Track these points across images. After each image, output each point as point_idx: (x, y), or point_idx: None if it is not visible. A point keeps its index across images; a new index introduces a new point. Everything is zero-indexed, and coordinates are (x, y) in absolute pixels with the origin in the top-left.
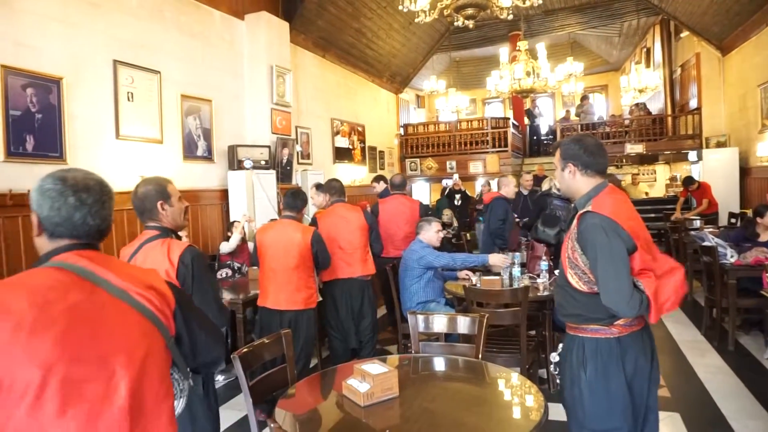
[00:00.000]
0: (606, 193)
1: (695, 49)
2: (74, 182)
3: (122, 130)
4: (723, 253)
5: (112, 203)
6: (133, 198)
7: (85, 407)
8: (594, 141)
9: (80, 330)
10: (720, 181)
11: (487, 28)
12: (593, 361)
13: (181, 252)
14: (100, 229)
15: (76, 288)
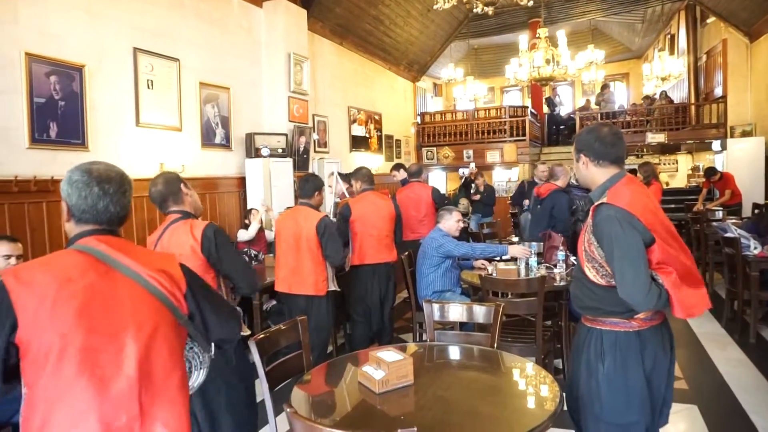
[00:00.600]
0: (623, 184)
1: (722, 36)
2: (98, 174)
3: (142, 117)
4: (746, 245)
5: (130, 192)
6: (154, 188)
7: (99, 372)
8: (609, 130)
9: (95, 305)
10: (745, 171)
11: (507, 15)
12: (612, 354)
13: (203, 228)
14: (120, 215)
15: (93, 269)
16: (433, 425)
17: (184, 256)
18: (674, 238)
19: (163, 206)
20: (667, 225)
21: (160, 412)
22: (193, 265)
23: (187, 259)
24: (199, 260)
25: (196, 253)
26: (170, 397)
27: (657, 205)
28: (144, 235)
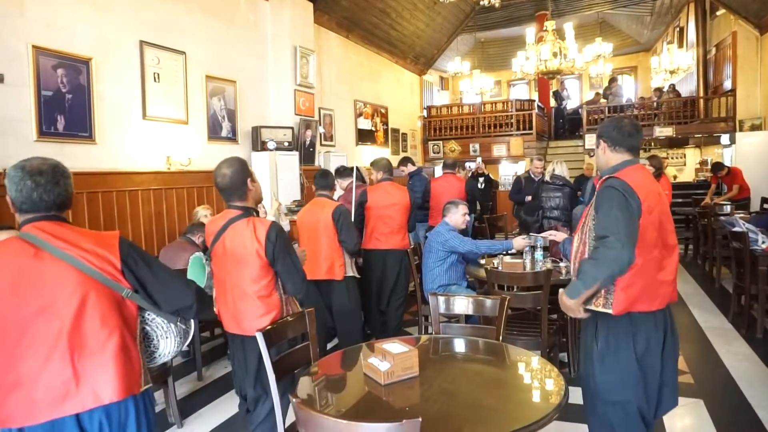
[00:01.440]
0: (634, 168)
1: (731, 28)
2: (30, 168)
3: (149, 110)
4: (754, 239)
5: (66, 181)
6: (220, 178)
7: (37, 342)
8: (629, 122)
9: (24, 283)
10: (754, 165)
11: (514, 7)
12: (604, 334)
13: (266, 230)
14: (56, 202)
15: (24, 253)
16: (438, 417)
17: (248, 258)
18: (663, 231)
19: (227, 198)
20: (664, 217)
21: (93, 376)
22: (256, 265)
23: (251, 261)
24: (262, 261)
25: (260, 255)
26: (103, 362)
27: (663, 195)
28: (151, 228)
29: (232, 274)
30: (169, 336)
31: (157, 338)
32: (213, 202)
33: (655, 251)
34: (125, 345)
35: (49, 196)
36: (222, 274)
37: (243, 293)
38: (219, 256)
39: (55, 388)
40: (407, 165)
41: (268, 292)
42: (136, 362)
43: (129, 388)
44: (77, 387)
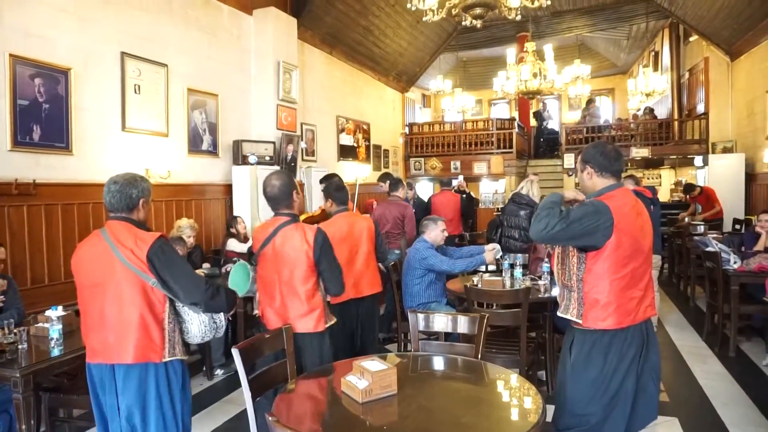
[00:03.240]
0: (618, 191)
1: (704, 54)
2: (111, 179)
3: (128, 122)
4: (726, 259)
5: (134, 189)
6: (269, 188)
7: (90, 307)
8: (612, 147)
9: (86, 262)
10: (725, 186)
11: (495, 28)
12: (578, 348)
13: (314, 235)
14: (120, 205)
15: (95, 240)
16: None
17: (298, 259)
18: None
19: (275, 206)
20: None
21: (118, 341)
22: (305, 265)
23: (300, 262)
24: (310, 262)
25: (308, 256)
26: (125, 332)
27: (641, 219)
28: None
29: (283, 273)
30: (193, 322)
31: (185, 323)
32: (192, 216)
33: (626, 269)
34: (144, 323)
35: (118, 200)
36: (270, 275)
37: (293, 291)
38: (269, 258)
39: (99, 343)
40: (386, 182)
41: (312, 293)
42: (158, 337)
43: (146, 356)
44: (109, 346)
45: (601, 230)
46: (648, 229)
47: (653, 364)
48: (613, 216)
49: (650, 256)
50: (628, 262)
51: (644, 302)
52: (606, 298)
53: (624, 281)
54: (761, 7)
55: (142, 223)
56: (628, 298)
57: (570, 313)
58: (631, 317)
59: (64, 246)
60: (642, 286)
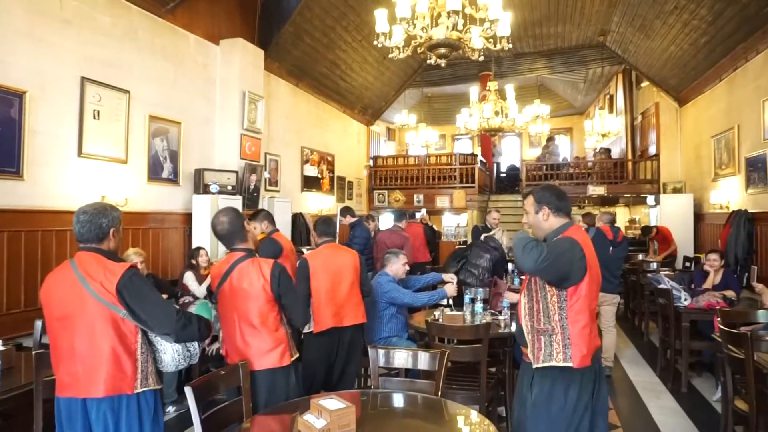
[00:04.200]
0: (574, 229)
1: (654, 99)
2: (81, 209)
3: (86, 148)
4: (677, 296)
5: (105, 219)
6: (219, 226)
7: (59, 341)
8: (561, 189)
9: (55, 295)
10: (676, 225)
11: (459, 66)
12: (539, 385)
13: (270, 269)
14: (90, 236)
15: (64, 272)
16: None
17: (256, 294)
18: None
19: (228, 243)
20: (598, 271)
21: (89, 374)
22: (263, 300)
23: (258, 297)
24: (268, 296)
25: (266, 291)
26: (95, 366)
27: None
28: None
29: (241, 309)
30: (166, 352)
31: (158, 352)
32: (148, 245)
33: (594, 303)
34: (116, 355)
35: (87, 231)
36: (230, 312)
37: (253, 327)
38: (226, 296)
39: (68, 376)
40: (347, 216)
41: (275, 327)
42: (130, 369)
43: (117, 388)
44: (80, 380)
45: (577, 264)
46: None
47: (604, 399)
48: (583, 250)
49: None
50: (596, 292)
51: (594, 332)
52: (588, 333)
53: (594, 314)
54: (705, 60)
55: (112, 253)
56: (592, 332)
57: (555, 359)
58: (591, 352)
59: (9, 276)
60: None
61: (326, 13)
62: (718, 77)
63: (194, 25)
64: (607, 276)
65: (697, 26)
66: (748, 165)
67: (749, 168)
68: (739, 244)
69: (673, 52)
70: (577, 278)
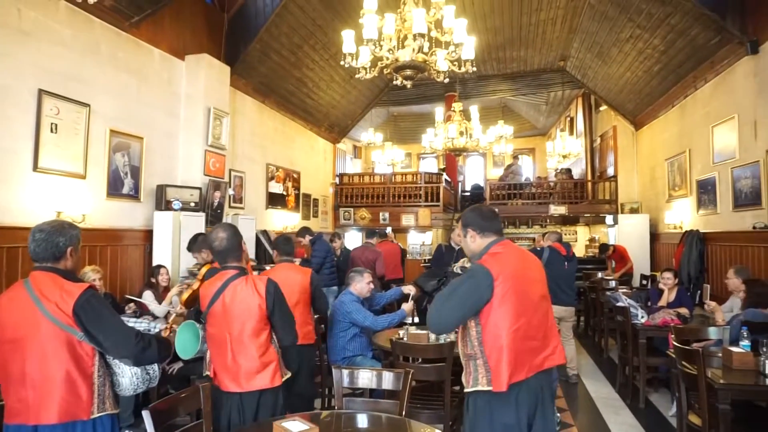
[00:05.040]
0: (497, 247)
1: (612, 122)
2: (37, 227)
3: (42, 162)
4: (634, 314)
5: (61, 238)
6: (217, 242)
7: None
8: (488, 209)
9: (6, 316)
10: (633, 244)
11: (425, 87)
12: (472, 408)
13: (265, 285)
14: (46, 255)
15: (16, 292)
16: None
17: (250, 313)
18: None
19: (222, 260)
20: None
21: (40, 400)
22: (257, 318)
23: (252, 315)
24: (262, 314)
25: (261, 309)
26: (48, 391)
27: (528, 269)
28: None
29: (234, 329)
30: (125, 375)
31: (116, 375)
32: (107, 262)
33: (519, 321)
34: (70, 379)
35: (43, 250)
36: (221, 333)
37: (245, 347)
38: (218, 316)
39: (18, 402)
40: (305, 236)
41: (266, 346)
42: (86, 393)
43: (72, 414)
44: (30, 406)
45: (482, 289)
46: (537, 277)
47: (550, 421)
48: (491, 272)
49: (543, 305)
50: (520, 313)
51: (543, 352)
52: (506, 355)
53: (519, 333)
54: (658, 87)
55: (70, 272)
56: (526, 350)
57: (480, 383)
58: (525, 369)
59: None
60: (540, 336)
61: (294, 32)
62: (670, 103)
63: (159, 40)
64: (564, 289)
65: (651, 55)
66: (699, 187)
67: (700, 190)
68: (691, 262)
69: (629, 78)
70: (484, 302)
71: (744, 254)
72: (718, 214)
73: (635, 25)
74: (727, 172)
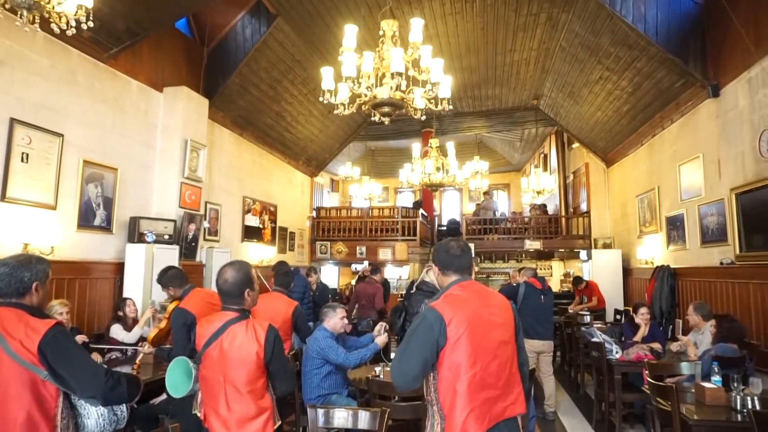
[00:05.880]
0: (457, 288)
1: (585, 159)
2: (2, 261)
3: (10, 191)
4: (609, 349)
5: (27, 272)
6: (222, 281)
7: None
8: (456, 245)
9: None
10: (607, 279)
11: (402, 122)
12: None
13: (265, 332)
14: (10, 290)
15: None
16: None
17: (248, 360)
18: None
19: (225, 300)
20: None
21: None
22: (254, 365)
23: (250, 362)
24: (260, 362)
25: (259, 357)
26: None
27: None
28: None
29: (229, 375)
30: (90, 416)
31: (81, 417)
32: (74, 295)
33: (475, 367)
34: (32, 422)
35: (5, 285)
36: (215, 376)
37: (239, 393)
38: (214, 359)
39: None
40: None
41: (261, 393)
42: None
43: None
44: None
45: (435, 333)
46: (498, 321)
47: None
48: (443, 316)
49: (505, 350)
50: (475, 360)
51: (504, 401)
52: (460, 403)
53: (475, 381)
54: (628, 126)
55: (36, 308)
56: (484, 398)
57: (435, 431)
58: (485, 420)
59: None
60: (500, 384)
61: (273, 66)
62: (639, 142)
63: (137, 72)
64: (542, 323)
65: (620, 96)
66: (668, 223)
67: (669, 226)
68: (663, 297)
69: (599, 117)
70: (439, 348)
71: (713, 289)
72: (687, 249)
73: (604, 68)
74: (695, 209)
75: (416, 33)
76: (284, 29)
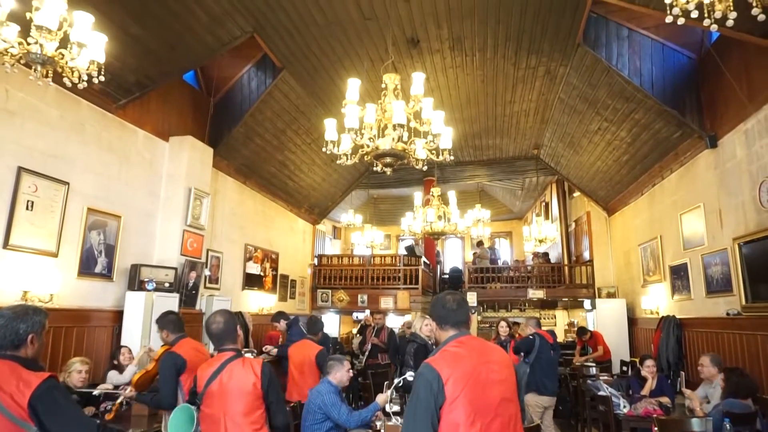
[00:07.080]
0: (453, 344)
1: (586, 208)
2: None
3: (14, 239)
4: (616, 403)
5: (23, 324)
6: (215, 326)
7: None
8: (452, 298)
9: None
10: (611, 329)
11: (404, 171)
12: None
13: (260, 365)
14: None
15: None
16: None
17: (246, 392)
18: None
19: (219, 343)
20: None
21: None
22: (252, 397)
23: (248, 393)
24: (257, 393)
25: (257, 387)
26: None
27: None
28: None
29: (229, 408)
30: None
31: None
32: (71, 345)
33: (474, 429)
34: None
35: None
36: (216, 412)
37: (238, 427)
38: (215, 395)
39: None
40: (280, 321)
41: (260, 425)
42: None
43: None
44: None
45: (434, 390)
46: (499, 378)
47: None
48: (440, 374)
49: (507, 408)
50: (474, 420)
51: None
52: None
53: None
54: (628, 175)
55: (31, 360)
56: None
57: None
58: None
59: None
60: None
61: (278, 117)
62: (640, 191)
63: (144, 121)
64: (551, 377)
65: (619, 146)
66: (672, 272)
67: (673, 275)
68: (669, 349)
69: (599, 167)
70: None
71: (720, 341)
72: (692, 299)
73: (602, 119)
74: (698, 258)
75: (418, 86)
76: (289, 81)
